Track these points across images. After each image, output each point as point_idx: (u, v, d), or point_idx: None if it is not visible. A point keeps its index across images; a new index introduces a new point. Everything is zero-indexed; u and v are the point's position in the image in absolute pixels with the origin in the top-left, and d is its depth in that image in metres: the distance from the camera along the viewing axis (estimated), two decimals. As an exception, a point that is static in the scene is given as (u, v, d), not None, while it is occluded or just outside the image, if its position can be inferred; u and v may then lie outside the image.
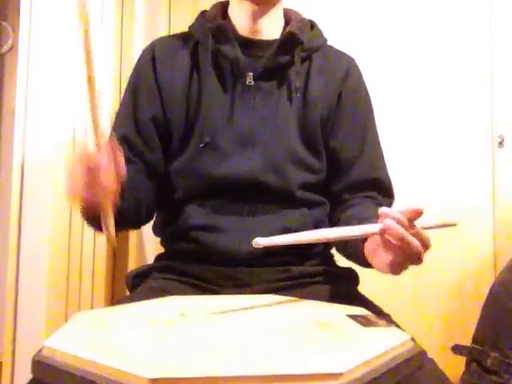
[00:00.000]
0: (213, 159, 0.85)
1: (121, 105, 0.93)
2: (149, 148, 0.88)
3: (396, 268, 0.62)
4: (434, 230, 0.65)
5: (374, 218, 0.64)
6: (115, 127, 0.91)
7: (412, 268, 0.62)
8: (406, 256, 0.60)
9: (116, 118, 0.93)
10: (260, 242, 0.58)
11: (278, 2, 0.90)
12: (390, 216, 0.59)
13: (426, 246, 0.60)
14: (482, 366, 1.17)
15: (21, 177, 1.52)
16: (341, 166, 0.91)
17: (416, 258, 0.60)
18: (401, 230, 0.58)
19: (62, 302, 1.46)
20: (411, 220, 0.60)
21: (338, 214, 0.88)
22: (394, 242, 0.59)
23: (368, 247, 0.68)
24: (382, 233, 0.60)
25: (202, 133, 0.86)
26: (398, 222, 0.58)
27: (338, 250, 0.89)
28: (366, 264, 0.70)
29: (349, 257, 0.84)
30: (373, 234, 0.63)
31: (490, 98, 1.61)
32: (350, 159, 0.90)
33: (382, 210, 0.60)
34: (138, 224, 0.93)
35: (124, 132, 0.88)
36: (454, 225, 0.68)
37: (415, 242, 0.59)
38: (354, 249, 0.75)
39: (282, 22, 0.93)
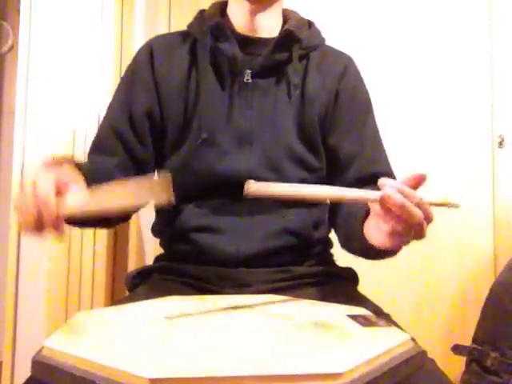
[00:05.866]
0: (210, 156, 0.85)
1: (114, 96, 0.92)
2: (141, 143, 0.88)
3: (395, 239, 0.60)
4: (436, 209, 0.62)
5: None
6: (107, 119, 0.90)
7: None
8: (406, 226, 0.58)
9: (108, 109, 0.92)
10: (252, 185, 0.56)
11: (276, 0, 0.90)
12: (390, 185, 0.57)
13: (428, 218, 0.58)
14: (482, 366, 1.17)
15: (21, 177, 1.52)
16: (341, 163, 0.90)
17: (418, 230, 0.58)
18: (400, 198, 0.56)
19: (62, 302, 1.46)
20: (414, 188, 0.58)
21: (338, 212, 0.88)
22: (394, 210, 0.57)
23: (367, 225, 0.67)
24: (382, 202, 0.57)
25: (200, 129, 0.85)
26: (399, 190, 0.57)
27: (342, 245, 0.87)
28: (369, 250, 0.68)
29: (352, 250, 0.82)
30: (372, 201, 0.60)
31: (490, 98, 1.61)
32: (349, 156, 0.90)
33: (382, 180, 0.59)
34: (124, 219, 0.93)
35: (116, 124, 0.87)
36: (457, 206, 0.64)
37: (417, 212, 0.57)
38: (356, 236, 0.73)
39: (280, 21, 0.93)
